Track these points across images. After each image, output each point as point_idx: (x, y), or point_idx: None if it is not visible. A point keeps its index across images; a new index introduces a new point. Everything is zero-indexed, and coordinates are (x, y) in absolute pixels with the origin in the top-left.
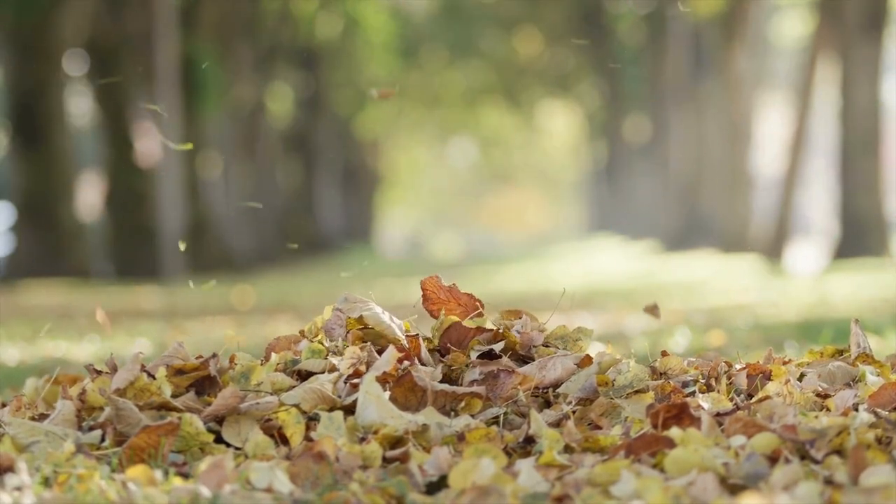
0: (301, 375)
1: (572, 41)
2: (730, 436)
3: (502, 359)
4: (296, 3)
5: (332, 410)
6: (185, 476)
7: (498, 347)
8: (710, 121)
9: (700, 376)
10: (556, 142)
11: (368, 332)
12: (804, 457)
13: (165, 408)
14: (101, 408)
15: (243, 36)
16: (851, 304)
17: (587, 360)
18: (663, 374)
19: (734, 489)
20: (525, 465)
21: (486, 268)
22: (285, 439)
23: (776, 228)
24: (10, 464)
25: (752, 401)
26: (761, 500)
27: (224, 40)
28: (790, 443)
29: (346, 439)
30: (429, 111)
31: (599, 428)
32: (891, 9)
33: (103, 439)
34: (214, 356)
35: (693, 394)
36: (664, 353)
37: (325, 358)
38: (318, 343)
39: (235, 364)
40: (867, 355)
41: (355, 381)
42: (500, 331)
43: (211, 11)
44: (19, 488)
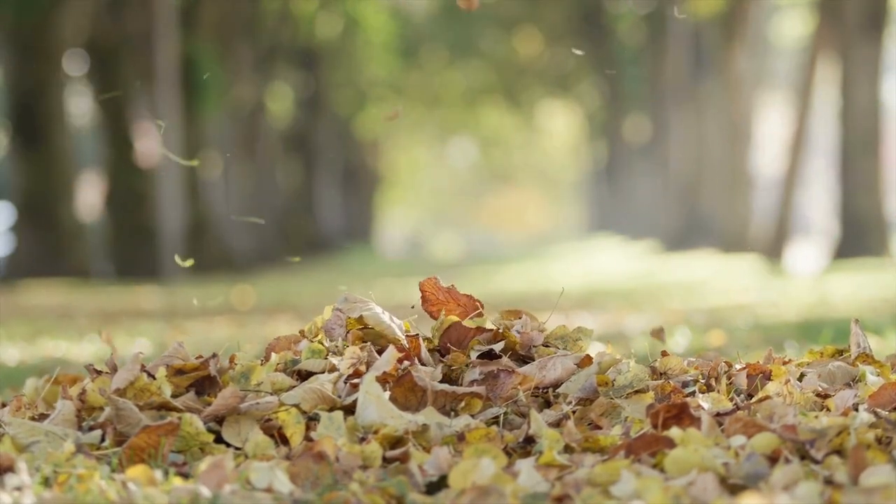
0: (301, 375)
1: (572, 50)
2: (730, 436)
3: (502, 359)
4: (296, 3)
5: (332, 410)
6: (185, 476)
7: (498, 347)
8: (710, 121)
9: (700, 376)
10: (556, 142)
11: (368, 332)
12: (804, 457)
13: (165, 408)
14: (101, 408)
15: (243, 36)
16: (851, 304)
17: (587, 360)
18: (663, 374)
19: (734, 489)
20: (525, 465)
21: (486, 268)
22: (285, 439)
23: (776, 228)
24: (10, 464)
25: (752, 401)
26: (761, 500)
27: (224, 40)
28: (790, 443)
29: (346, 439)
30: (429, 111)
31: (599, 428)
32: (891, 9)
33: (103, 439)
34: (214, 356)
35: (693, 394)
36: (664, 353)
37: (325, 358)
38: (318, 343)
39: (235, 364)
40: (867, 355)
41: (355, 381)
42: (500, 331)
43: (211, 11)
44: (19, 488)
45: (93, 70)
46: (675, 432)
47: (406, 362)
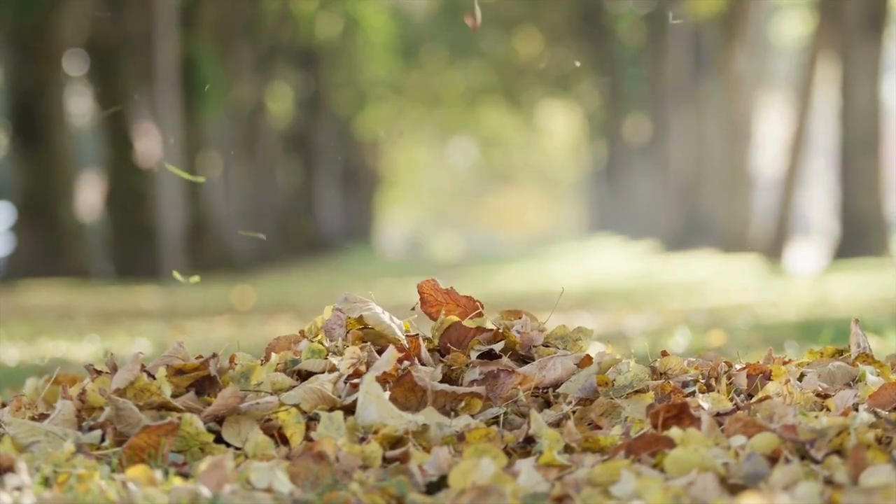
0: (301, 375)
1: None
2: (730, 436)
3: (502, 359)
4: (296, 3)
5: (332, 410)
6: (185, 476)
7: (498, 347)
8: (710, 121)
9: (700, 376)
10: (556, 142)
11: (368, 332)
12: (804, 457)
13: (165, 408)
14: (101, 408)
15: (243, 36)
16: (851, 304)
17: (587, 360)
18: (663, 374)
19: (734, 489)
20: (525, 465)
21: (486, 268)
22: (285, 439)
23: (776, 228)
24: (10, 464)
25: (752, 401)
26: (761, 500)
27: (224, 40)
28: (790, 443)
29: (346, 439)
30: (429, 111)
31: (599, 428)
32: (891, 9)
33: (103, 439)
34: (214, 356)
35: (693, 394)
36: (664, 353)
37: (325, 358)
38: (318, 343)
39: (235, 364)
40: (867, 355)
41: (355, 381)
42: (500, 331)
43: (211, 11)
44: (19, 488)
45: (93, 70)
46: (675, 432)
47: (406, 362)
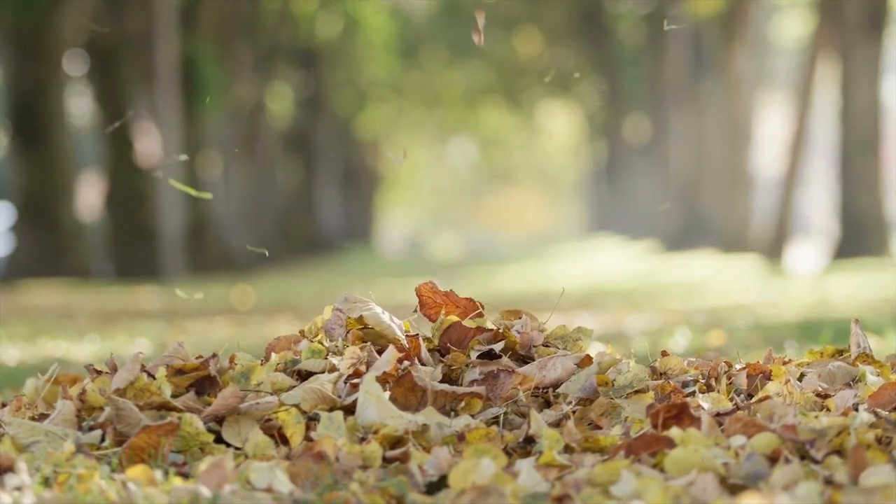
0: (301, 375)
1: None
2: (730, 436)
3: (502, 359)
4: (296, 3)
5: (332, 410)
6: (185, 476)
7: (498, 347)
8: (710, 121)
9: (700, 376)
10: (556, 142)
11: (368, 332)
12: (804, 457)
13: (165, 408)
14: (101, 408)
15: (243, 36)
16: (851, 304)
17: (587, 360)
18: (663, 374)
19: (734, 489)
20: (525, 465)
21: (486, 268)
22: (285, 439)
23: (776, 228)
24: (10, 464)
25: (752, 401)
26: (761, 500)
27: (224, 40)
28: (790, 443)
29: (346, 439)
30: (429, 111)
31: (599, 428)
32: (891, 9)
33: (103, 439)
34: (214, 356)
35: (693, 394)
36: (664, 353)
37: (325, 358)
38: (318, 343)
39: (235, 364)
40: (867, 355)
41: (355, 381)
42: (500, 331)
43: (211, 11)
44: (19, 488)
45: (93, 70)
46: (675, 432)
47: (406, 362)
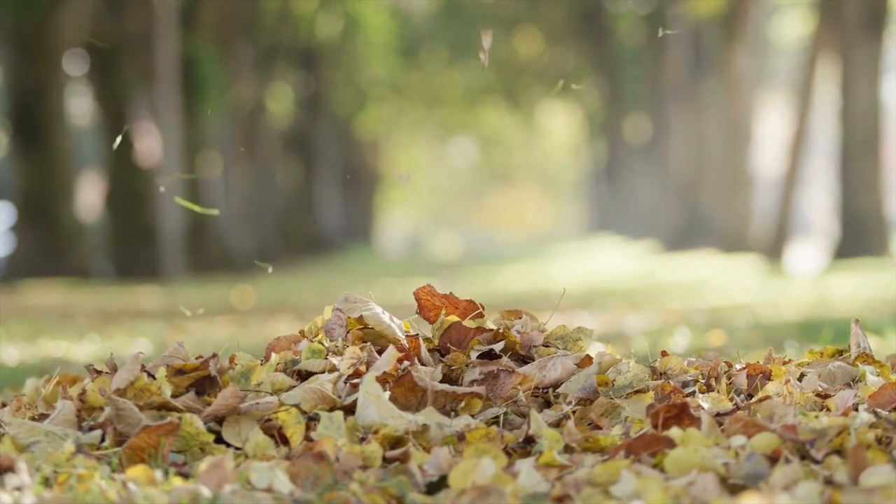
0: (301, 375)
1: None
2: (730, 436)
3: (502, 359)
4: (296, 3)
5: (332, 410)
6: (185, 476)
7: (498, 347)
8: (710, 121)
9: (700, 376)
10: (556, 142)
11: (368, 332)
12: (804, 457)
13: (165, 408)
14: (101, 408)
15: (243, 36)
16: (851, 304)
17: (587, 360)
18: (663, 374)
19: (734, 489)
20: (525, 465)
21: (486, 268)
22: (285, 439)
23: (776, 228)
24: (10, 464)
25: (752, 401)
26: (761, 500)
27: (224, 40)
28: (790, 443)
29: (346, 439)
30: (429, 111)
31: (599, 428)
32: (891, 9)
33: (103, 439)
34: (214, 356)
35: (693, 394)
36: (664, 353)
37: (325, 358)
38: (318, 343)
39: (235, 364)
40: (867, 355)
41: (355, 381)
42: (500, 331)
43: (211, 11)
44: (19, 488)
45: (93, 70)
46: (675, 432)
47: (406, 362)
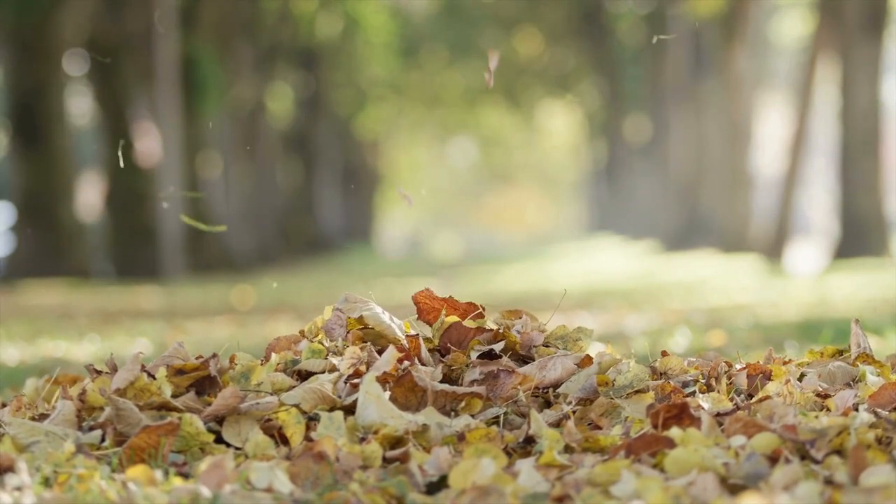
0: (301, 375)
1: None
2: (730, 436)
3: (502, 359)
4: (296, 3)
5: (332, 410)
6: (185, 476)
7: (498, 347)
8: (710, 121)
9: (700, 376)
10: (556, 142)
11: (368, 332)
12: (804, 457)
13: (165, 408)
14: (101, 408)
15: (243, 36)
16: (851, 304)
17: (587, 360)
18: (663, 374)
19: (734, 489)
20: (525, 465)
21: (486, 268)
22: (285, 439)
23: (776, 228)
24: (10, 464)
25: (752, 401)
26: (761, 500)
27: (224, 40)
28: (790, 443)
29: (346, 439)
30: (429, 111)
31: (599, 428)
32: (891, 9)
33: (103, 439)
34: (214, 356)
35: (693, 394)
36: (664, 353)
37: (325, 358)
38: (318, 343)
39: (235, 364)
40: (867, 355)
41: (355, 381)
42: (500, 331)
43: (211, 11)
44: (19, 488)
45: (93, 70)
46: (675, 432)
47: (406, 362)
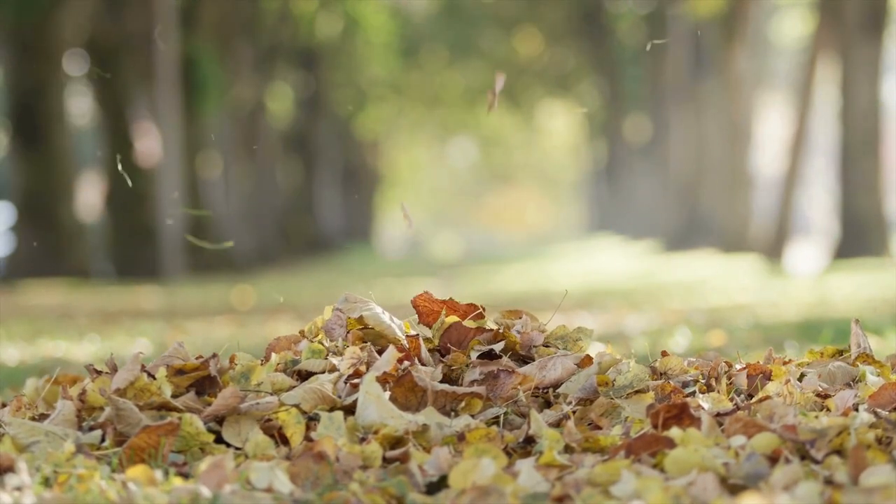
0: (301, 375)
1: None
2: (730, 436)
3: (502, 359)
4: (296, 3)
5: (332, 410)
6: (186, 476)
7: (498, 347)
8: (710, 121)
9: (700, 376)
10: (556, 142)
11: (368, 332)
12: (804, 457)
13: (165, 408)
14: (101, 408)
15: (243, 36)
16: (851, 304)
17: (587, 360)
18: (663, 374)
19: (734, 489)
20: (525, 465)
21: (486, 268)
22: (285, 439)
23: (776, 228)
24: (10, 464)
25: (752, 401)
26: (761, 500)
27: (224, 40)
28: (790, 443)
29: (346, 439)
30: (429, 111)
31: (599, 428)
32: (891, 9)
33: (103, 439)
34: (214, 356)
35: (693, 394)
36: (664, 353)
37: (325, 358)
38: (318, 343)
39: (235, 364)
40: (867, 355)
41: (355, 381)
42: (500, 331)
43: (211, 11)
44: (19, 488)
45: (92, 70)
46: (675, 432)
47: (406, 362)
